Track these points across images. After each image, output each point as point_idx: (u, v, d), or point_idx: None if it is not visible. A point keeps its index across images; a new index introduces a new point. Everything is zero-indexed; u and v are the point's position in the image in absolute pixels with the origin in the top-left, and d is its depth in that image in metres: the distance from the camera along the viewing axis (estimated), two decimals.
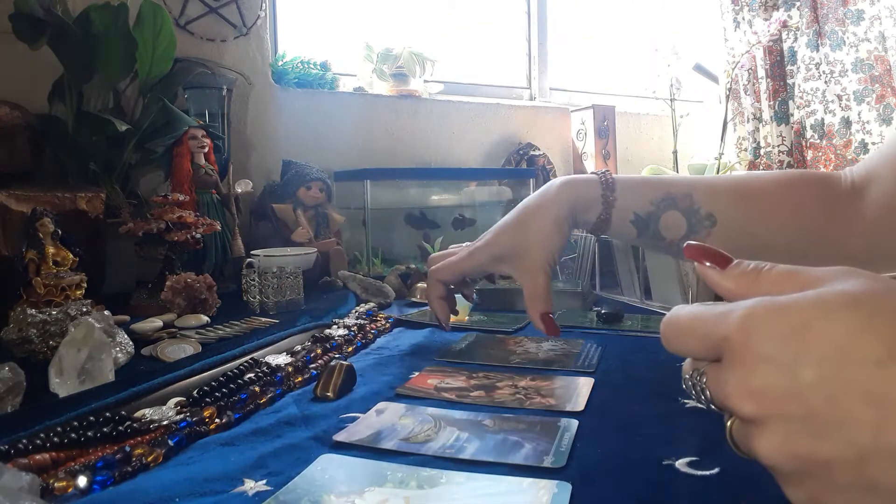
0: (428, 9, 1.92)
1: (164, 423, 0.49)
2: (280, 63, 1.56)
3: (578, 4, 2.21)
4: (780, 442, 0.25)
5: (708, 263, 0.31)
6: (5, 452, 0.42)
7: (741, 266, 0.30)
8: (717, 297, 0.35)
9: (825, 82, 1.99)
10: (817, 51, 2.00)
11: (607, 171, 0.69)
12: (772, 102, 2.09)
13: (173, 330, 0.85)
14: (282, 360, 0.66)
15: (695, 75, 2.08)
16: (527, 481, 0.40)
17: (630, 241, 0.85)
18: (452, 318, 0.93)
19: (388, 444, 0.47)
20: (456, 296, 0.97)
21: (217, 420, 0.51)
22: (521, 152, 1.84)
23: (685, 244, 0.33)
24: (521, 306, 1.02)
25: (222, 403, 0.54)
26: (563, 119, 2.01)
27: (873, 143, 1.91)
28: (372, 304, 1.00)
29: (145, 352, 0.74)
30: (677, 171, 1.94)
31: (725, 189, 0.66)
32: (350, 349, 0.75)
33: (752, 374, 0.25)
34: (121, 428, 0.47)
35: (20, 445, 0.42)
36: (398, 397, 0.58)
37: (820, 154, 2.02)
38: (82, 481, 0.40)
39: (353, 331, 0.81)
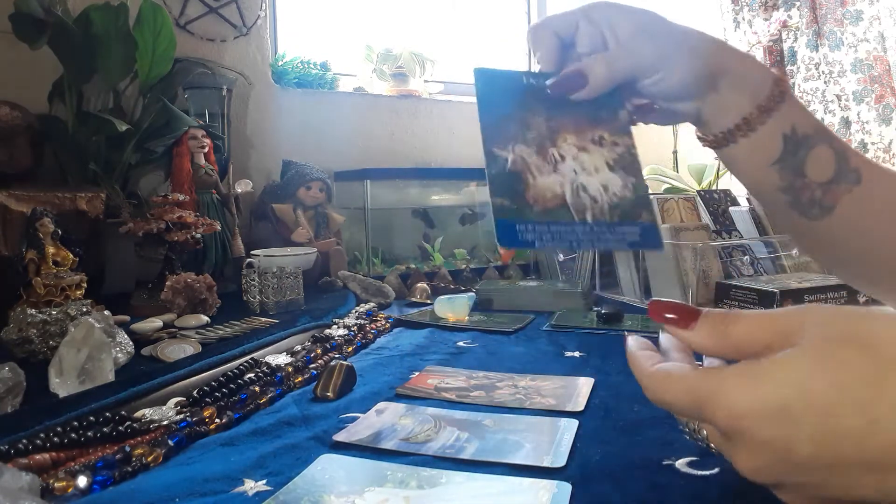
0: (428, 9, 1.92)
1: (164, 423, 0.49)
2: (280, 63, 1.56)
3: (578, 4, 2.21)
4: (799, 499, 0.28)
5: (673, 316, 0.31)
6: (5, 452, 0.42)
7: (708, 320, 0.30)
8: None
9: (825, 82, 1.99)
10: (817, 51, 2.00)
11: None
12: None
13: (173, 330, 0.85)
14: (282, 360, 0.66)
15: None
16: (527, 481, 0.40)
17: (758, 170, 0.53)
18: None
19: (388, 444, 0.47)
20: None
21: (217, 420, 0.51)
22: None
23: (649, 301, 0.32)
24: (522, 305, 1.02)
25: (222, 403, 0.54)
26: None
27: (873, 143, 1.91)
28: (372, 304, 1.00)
29: (145, 352, 0.74)
30: (677, 171, 1.94)
31: (873, 160, 0.54)
32: (350, 349, 0.75)
33: (751, 455, 0.27)
34: (121, 428, 0.47)
35: (20, 445, 0.42)
36: (398, 397, 0.58)
37: None
38: (82, 481, 0.40)
39: (353, 331, 0.81)
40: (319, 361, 0.68)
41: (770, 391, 0.26)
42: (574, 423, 0.50)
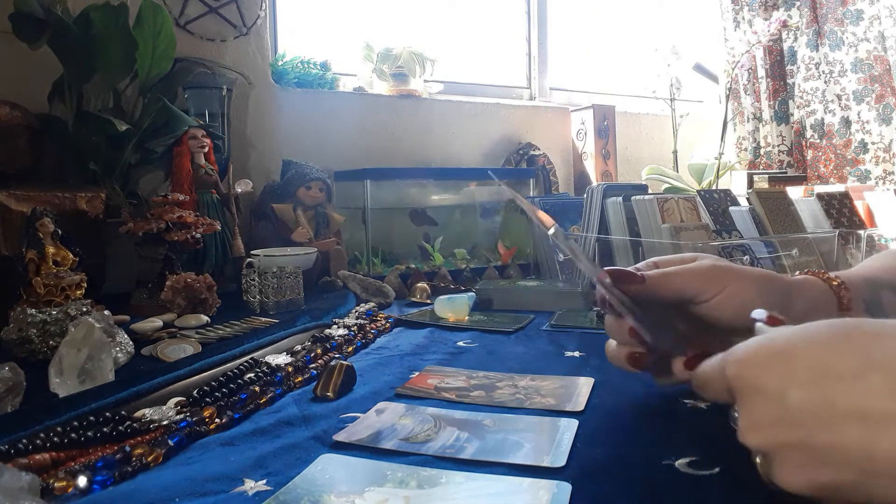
0: (428, 9, 1.92)
1: (164, 423, 0.49)
2: (280, 63, 1.56)
3: (578, 4, 2.21)
4: (790, 471, 0.26)
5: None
6: (5, 452, 0.42)
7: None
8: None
9: (825, 82, 1.99)
10: (817, 50, 2.00)
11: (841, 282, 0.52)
12: (772, 102, 2.09)
13: (173, 330, 0.85)
14: (282, 360, 0.66)
15: (695, 75, 2.08)
16: (527, 481, 0.40)
17: None
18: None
19: (388, 444, 0.47)
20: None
21: (217, 420, 0.51)
22: (521, 152, 1.84)
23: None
24: (522, 305, 1.02)
25: (222, 403, 0.54)
26: (564, 119, 2.01)
27: (873, 143, 1.91)
28: (372, 304, 1.00)
29: (145, 352, 0.74)
30: (677, 171, 1.94)
31: None
32: (350, 349, 0.75)
33: (751, 408, 0.27)
34: (121, 428, 0.47)
35: (20, 445, 0.42)
36: (398, 397, 0.58)
37: (820, 154, 2.02)
38: (82, 481, 0.40)
39: (353, 331, 0.81)
40: (319, 361, 0.68)
41: (772, 338, 0.27)
42: (574, 423, 0.50)
